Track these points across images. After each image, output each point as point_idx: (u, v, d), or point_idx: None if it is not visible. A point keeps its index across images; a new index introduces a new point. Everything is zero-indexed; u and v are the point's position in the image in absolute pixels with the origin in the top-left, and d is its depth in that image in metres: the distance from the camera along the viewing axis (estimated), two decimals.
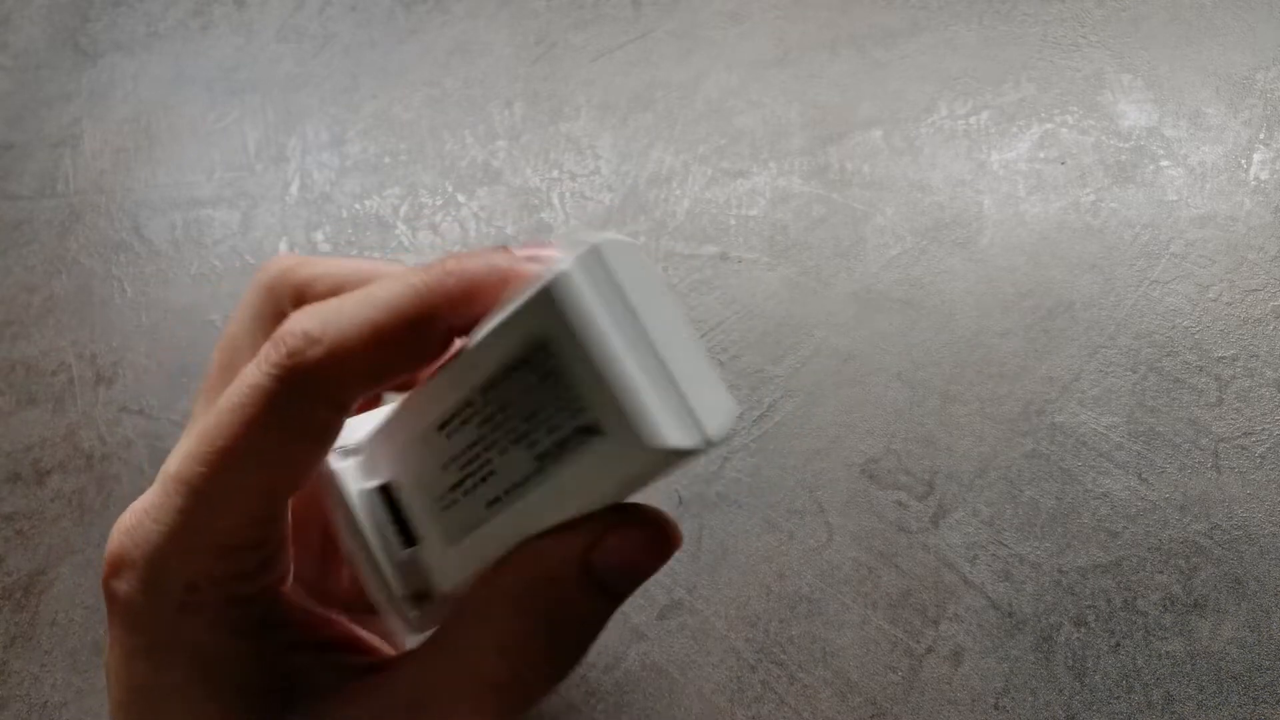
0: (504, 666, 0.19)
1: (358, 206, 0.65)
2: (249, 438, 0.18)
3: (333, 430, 0.19)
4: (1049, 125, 0.61)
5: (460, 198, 0.64)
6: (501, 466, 0.19)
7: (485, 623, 0.19)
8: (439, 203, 0.63)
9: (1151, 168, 0.58)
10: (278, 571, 0.20)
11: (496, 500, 0.19)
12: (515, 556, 0.19)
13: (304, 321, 0.18)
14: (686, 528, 0.49)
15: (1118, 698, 0.43)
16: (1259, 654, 0.43)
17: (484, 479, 0.19)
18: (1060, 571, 0.46)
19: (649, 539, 0.19)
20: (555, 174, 0.63)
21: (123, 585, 0.19)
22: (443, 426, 0.19)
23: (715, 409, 0.19)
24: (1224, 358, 0.51)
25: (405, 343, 0.18)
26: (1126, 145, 0.59)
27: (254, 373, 0.18)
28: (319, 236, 0.64)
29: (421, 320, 0.18)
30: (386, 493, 0.20)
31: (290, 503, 0.21)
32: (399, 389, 0.21)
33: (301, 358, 0.18)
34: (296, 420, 0.18)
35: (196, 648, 0.19)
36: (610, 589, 0.19)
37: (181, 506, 0.19)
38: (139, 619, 0.19)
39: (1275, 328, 0.51)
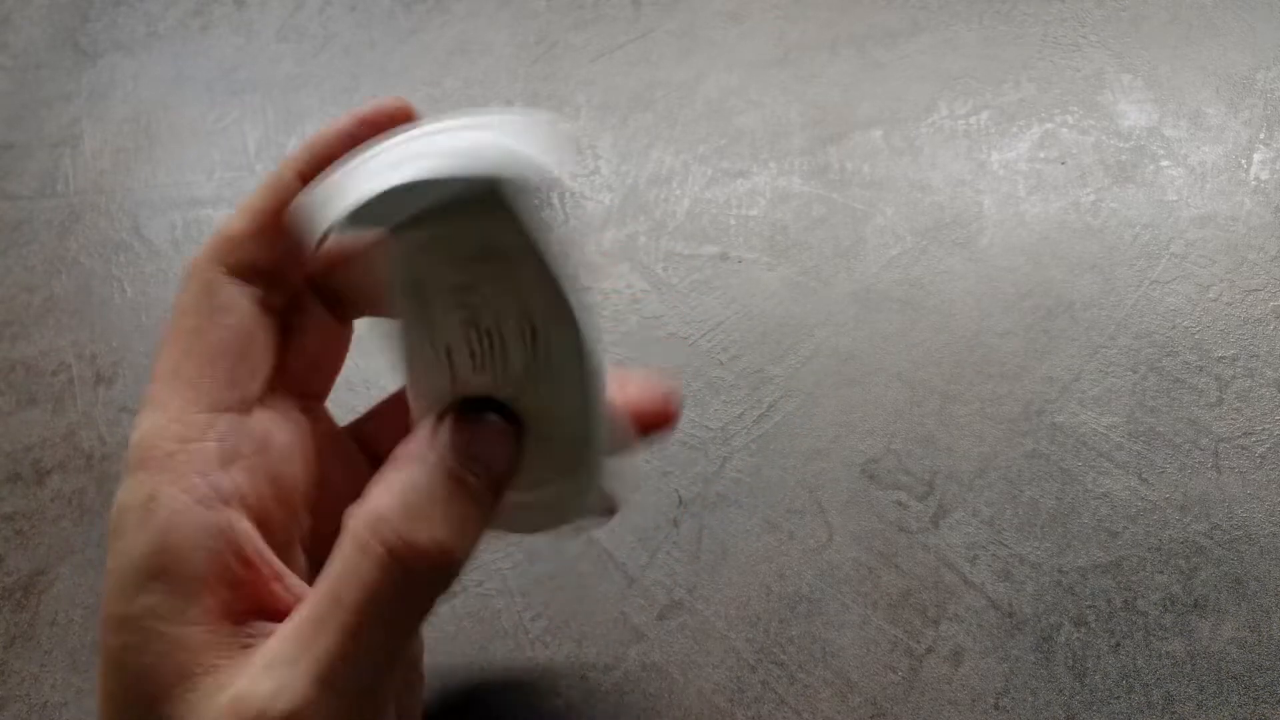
0: (372, 549, 0.19)
1: None
2: (175, 325, 0.21)
3: (244, 310, 0.21)
4: (1049, 125, 0.61)
5: None
6: None
7: (353, 513, 0.20)
8: None
9: (1152, 168, 0.58)
10: (251, 479, 0.21)
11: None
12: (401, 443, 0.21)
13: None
14: (686, 528, 0.49)
15: (1118, 698, 0.43)
16: (1259, 654, 0.43)
17: None
18: (1060, 571, 0.46)
19: (492, 421, 0.21)
20: (555, 173, 0.63)
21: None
22: None
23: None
24: (1224, 358, 0.51)
25: (274, 211, 0.21)
26: (1127, 145, 0.59)
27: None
28: None
29: (282, 188, 0.21)
30: None
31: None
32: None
33: (199, 250, 0.22)
34: (203, 296, 0.21)
35: (151, 566, 0.19)
36: (459, 465, 0.20)
37: (141, 415, 0.21)
38: (110, 537, 0.20)
39: (1275, 328, 0.51)
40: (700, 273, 0.58)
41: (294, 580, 0.21)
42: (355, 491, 0.23)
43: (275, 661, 0.18)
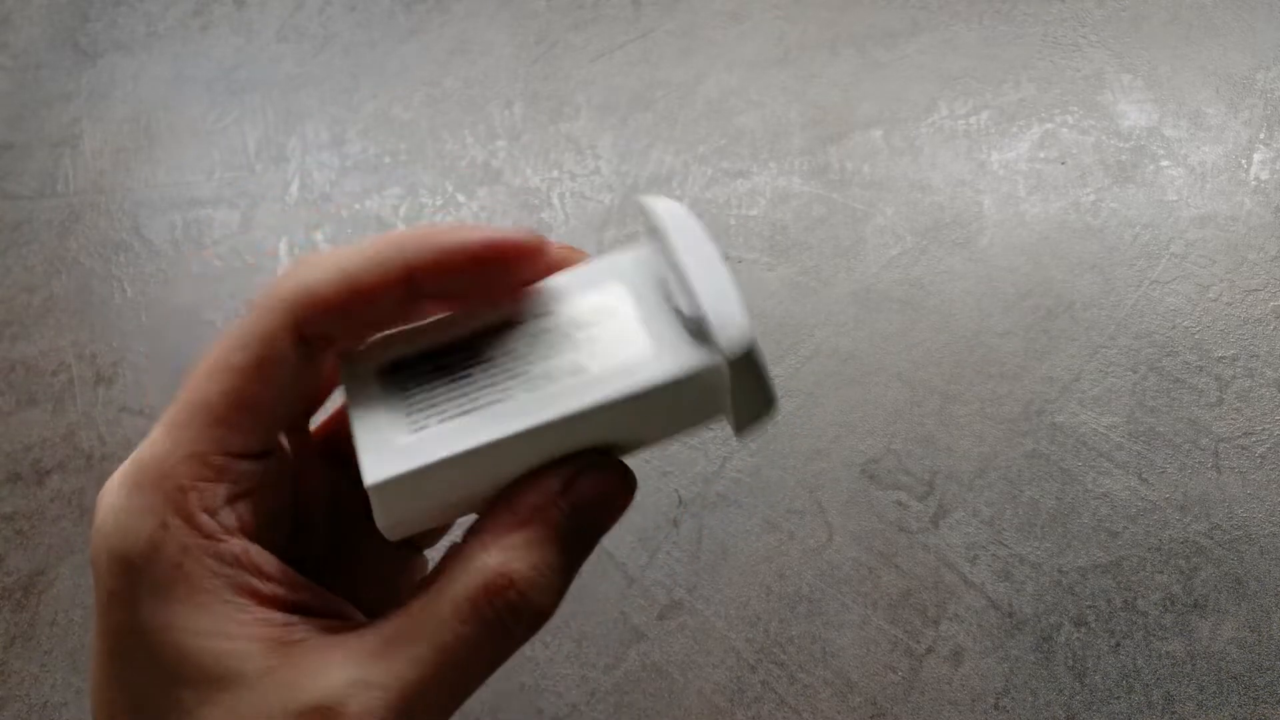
0: (488, 604, 0.20)
1: (358, 206, 0.65)
2: (222, 356, 0.20)
3: (293, 364, 0.20)
4: (1049, 125, 0.61)
5: (460, 197, 0.64)
6: None
7: (470, 561, 0.20)
8: (439, 203, 0.63)
9: (1152, 168, 0.58)
10: (253, 510, 0.21)
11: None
12: (500, 502, 0.21)
13: (293, 263, 0.21)
14: (686, 528, 0.49)
15: (1118, 698, 0.43)
16: (1259, 654, 0.43)
17: None
18: (1060, 571, 0.46)
19: (617, 477, 0.21)
20: (555, 174, 0.63)
21: (96, 522, 0.20)
22: None
23: None
24: (1224, 358, 0.51)
25: (370, 289, 0.20)
26: (1127, 145, 0.59)
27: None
28: (319, 236, 0.64)
29: (387, 270, 0.20)
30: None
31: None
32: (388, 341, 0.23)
33: (276, 287, 0.20)
34: (261, 340, 0.20)
35: (164, 581, 0.19)
36: (582, 528, 0.21)
37: (156, 436, 0.20)
38: (109, 557, 0.20)
39: (1275, 328, 0.52)
40: None
41: (311, 584, 0.21)
42: (333, 498, 0.23)
43: (362, 683, 0.19)
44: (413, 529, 0.21)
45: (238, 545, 0.20)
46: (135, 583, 0.19)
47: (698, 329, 0.20)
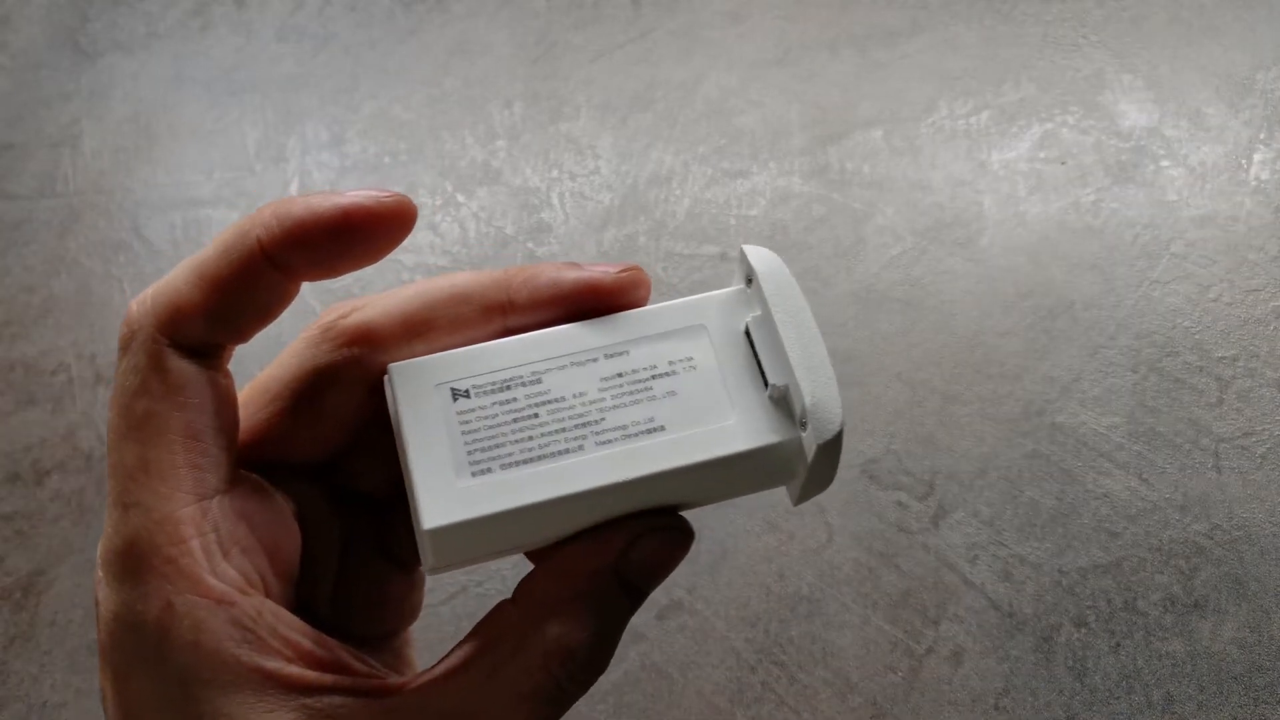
0: (548, 677, 0.19)
1: None
2: (123, 413, 0.19)
3: (188, 377, 0.19)
4: (1049, 125, 0.61)
5: (460, 198, 0.64)
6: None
7: (527, 635, 0.19)
8: (438, 202, 0.63)
9: (1152, 168, 0.58)
10: (256, 560, 0.19)
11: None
12: (553, 564, 0.20)
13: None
14: None
15: (1118, 698, 0.43)
16: (1259, 654, 0.43)
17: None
18: (1060, 572, 0.46)
19: (676, 538, 0.20)
20: (555, 174, 0.63)
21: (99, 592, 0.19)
22: None
23: None
24: (1224, 358, 0.51)
25: (228, 282, 0.19)
26: (1127, 145, 0.59)
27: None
28: None
29: (238, 258, 0.19)
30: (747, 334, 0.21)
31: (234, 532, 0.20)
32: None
33: (134, 313, 0.19)
34: (148, 374, 0.19)
35: (184, 666, 0.18)
36: (637, 588, 0.20)
37: (116, 517, 0.19)
38: (120, 656, 0.19)
39: (1276, 328, 0.52)
40: (700, 273, 0.58)
41: (321, 636, 0.20)
42: (342, 534, 0.22)
43: None
44: (456, 568, 0.20)
45: (252, 606, 0.19)
46: (155, 677, 0.18)
47: (782, 398, 0.20)
